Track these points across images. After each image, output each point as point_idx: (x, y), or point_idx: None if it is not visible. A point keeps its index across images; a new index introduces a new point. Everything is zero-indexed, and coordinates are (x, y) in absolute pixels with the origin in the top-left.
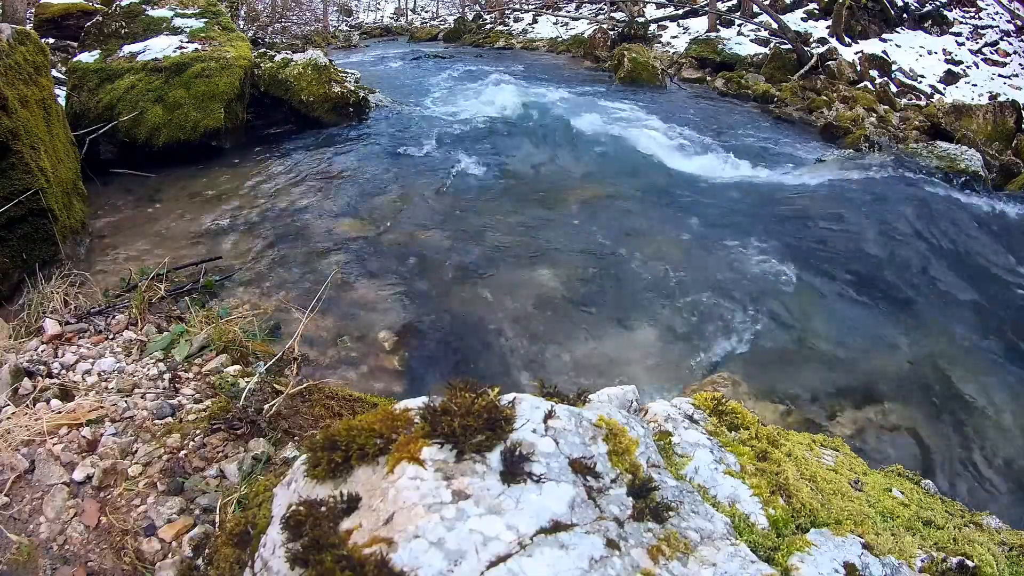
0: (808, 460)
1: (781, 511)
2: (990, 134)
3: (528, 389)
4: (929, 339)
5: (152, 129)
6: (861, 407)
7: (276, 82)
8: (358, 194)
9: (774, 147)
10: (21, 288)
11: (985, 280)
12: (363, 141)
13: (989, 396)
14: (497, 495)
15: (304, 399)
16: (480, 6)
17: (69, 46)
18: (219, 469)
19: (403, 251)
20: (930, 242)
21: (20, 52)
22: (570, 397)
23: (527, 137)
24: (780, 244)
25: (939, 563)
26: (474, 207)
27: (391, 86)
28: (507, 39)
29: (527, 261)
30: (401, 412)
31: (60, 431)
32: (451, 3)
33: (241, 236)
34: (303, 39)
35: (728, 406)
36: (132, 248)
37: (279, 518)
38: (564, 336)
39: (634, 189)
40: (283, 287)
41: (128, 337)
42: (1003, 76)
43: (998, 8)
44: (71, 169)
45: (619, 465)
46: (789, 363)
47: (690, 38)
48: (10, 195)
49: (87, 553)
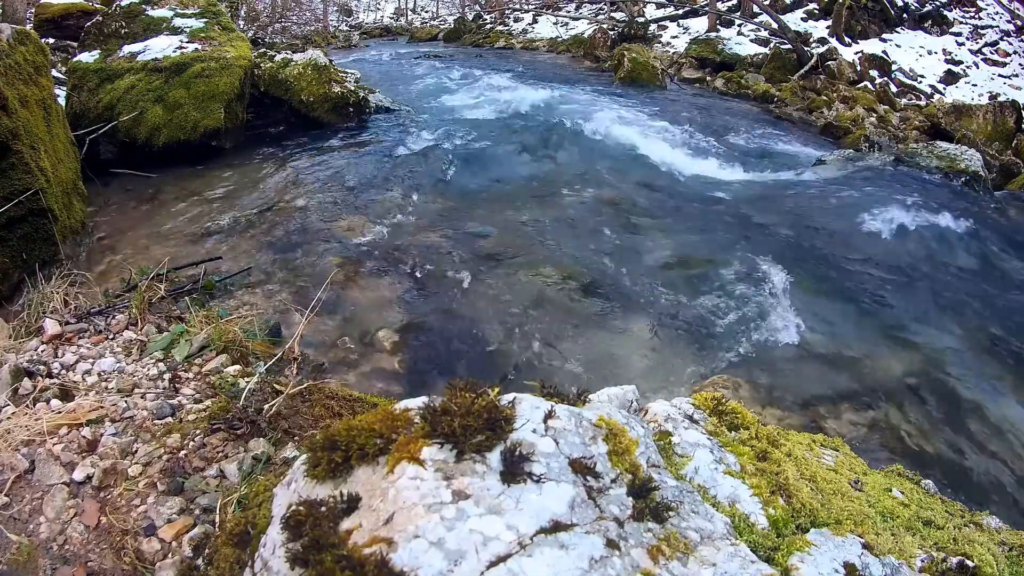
0: (808, 460)
1: (781, 511)
2: (990, 134)
3: (528, 389)
4: (929, 339)
5: (152, 129)
6: (861, 407)
7: (276, 82)
8: (358, 194)
9: (774, 147)
10: (21, 288)
11: (985, 280)
12: (363, 141)
13: (989, 396)
14: (497, 495)
15: (304, 399)
16: (480, 6)
17: (69, 46)
18: (219, 469)
19: (403, 251)
20: (930, 242)
21: (20, 52)
22: (570, 397)
23: (527, 137)
24: (780, 244)
25: (939, 563)
26: (474, 207)
27: (391, 86)
28: (507, 39)
29: (527, 261)
30: (401, 412)
31: (60, 431)
32: (451, 3)
33: (241, 236)
34: (303, 39)
35: (728, 406)
36: (132, 248)
37: (279, 518)
38: (564, 336)
39: (634, 189)
40: (283, 287)
41: (128, 337)
42: (1003, 76)
43: (998, 8)
44: (71, 169)
45: (619, 465)
46: (789, 363)
47: (690, 38)
48: (10, 195)
49: (87, 553)
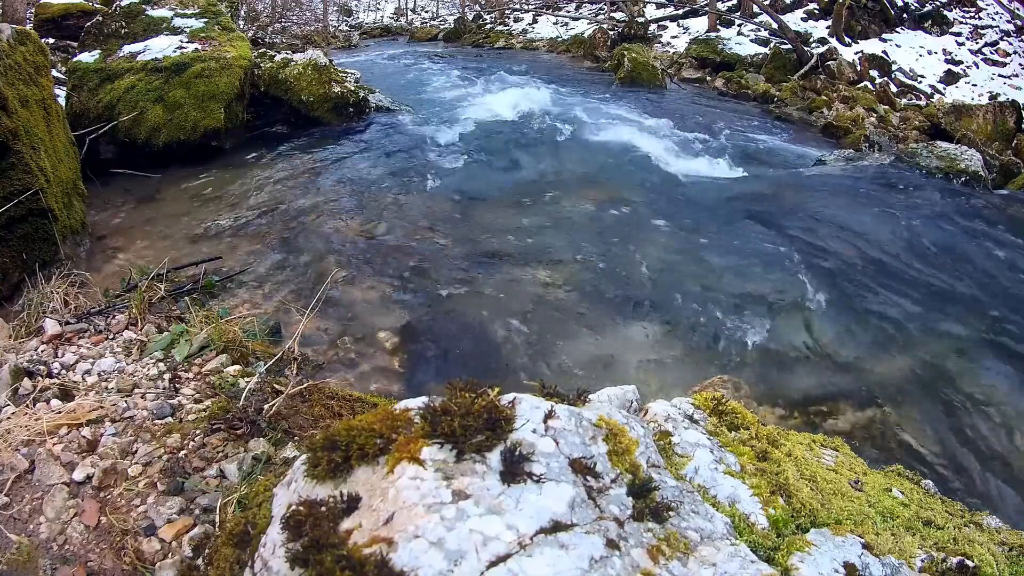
0: (808, 460)
1: (781, 511)
2: (990, 134)
3: (528, 389)
4: (929, 339)
5: (152, 129)
6: (861, 407)
7: (276, 82)
8: (358, 194)
9: (774, 147)
10: (21, 288)
11: (985, 280)
12: (363, 141)
13: (989, 396)
14: (497, 495)
15: (304, 399)
16: (480, 6)
17: (69, 46)
18: (219, 469)
19: (403, 251)
20: (930, 242)
21: (20, 52)
22: (570, 397)
23: (527, 138)
24: (779, 245)
25: (939, 563)
26: (474, 207)
27: (391, 86)
28: (507, 39)
29: (527, 261)
30: (401, 412)
31: (60, 431)
32: (451, 3)
33: (241, 236)
34: (303, 39)
35: (728, 406)
36: (132, 248)
37: (279, 518)
38: (564, 336)
39: (634, 190)
40: (283, 287)
41: (128, 337)
42: (1003, 76)
43: (998, 8)
44: (71, 169)
45: (619, 465)
46: (789, 363)
47: (690, 38)
48: (10, 195)
49: (87, 553)
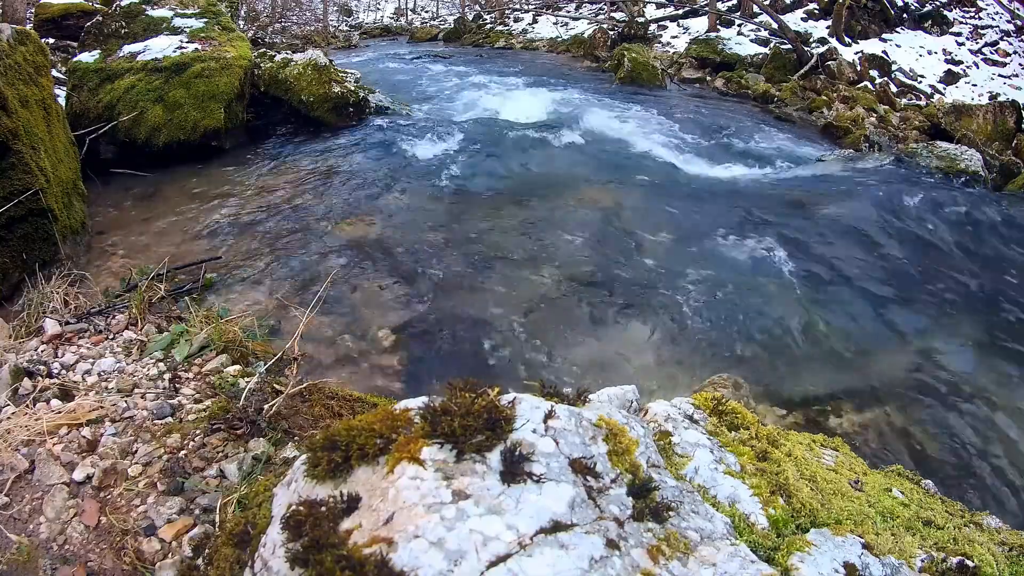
0: (808, 460)
1: (781, 511)
2: (990, 134)
3: (528, 389)
4: (929, 339)
5: (152, 129)
6: (861, 407)
7: (276, 82)
8: (358, 194)
9: (774, 147)
10: (21, 288)
11: (985, 280)
12: (363, 141)
13: (989, 396)
14: (497, 495)
15: (304, 399)
16: (480, 6)
17: (69, 46)
18: (219, 469)
19: (403, 251)
20: (930, 242)
21: (20, 52)
22: (570, 397)
23: (527, 137)
24: (779, 245)
25: (939, 563)
26: (474, 207)
27: (391, 86)
28: (507, 39)
29: (527, 261)
30: (401, 412)
31: (60, 431)
32: (451, 3)
33: (241, 236)
34: (303, 39)
35: (728, 406)
36: (132, 248)
37: (279, 518)
38: (564, 336)
39: (634, 189)
40: (283, 286)
41: (128, 337)
42: (1003, 76)
43: (998, 8)
44: (71, 169)
45: (619, 465)
46: (790, 363)
47: (690, 38)
48: (10, 195)
49: (87, 553)
